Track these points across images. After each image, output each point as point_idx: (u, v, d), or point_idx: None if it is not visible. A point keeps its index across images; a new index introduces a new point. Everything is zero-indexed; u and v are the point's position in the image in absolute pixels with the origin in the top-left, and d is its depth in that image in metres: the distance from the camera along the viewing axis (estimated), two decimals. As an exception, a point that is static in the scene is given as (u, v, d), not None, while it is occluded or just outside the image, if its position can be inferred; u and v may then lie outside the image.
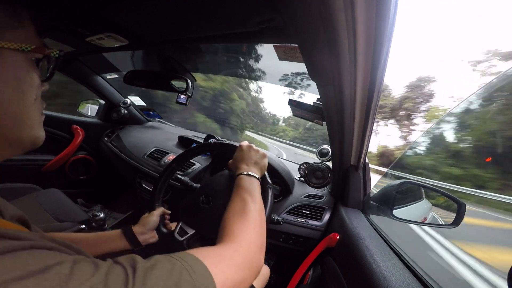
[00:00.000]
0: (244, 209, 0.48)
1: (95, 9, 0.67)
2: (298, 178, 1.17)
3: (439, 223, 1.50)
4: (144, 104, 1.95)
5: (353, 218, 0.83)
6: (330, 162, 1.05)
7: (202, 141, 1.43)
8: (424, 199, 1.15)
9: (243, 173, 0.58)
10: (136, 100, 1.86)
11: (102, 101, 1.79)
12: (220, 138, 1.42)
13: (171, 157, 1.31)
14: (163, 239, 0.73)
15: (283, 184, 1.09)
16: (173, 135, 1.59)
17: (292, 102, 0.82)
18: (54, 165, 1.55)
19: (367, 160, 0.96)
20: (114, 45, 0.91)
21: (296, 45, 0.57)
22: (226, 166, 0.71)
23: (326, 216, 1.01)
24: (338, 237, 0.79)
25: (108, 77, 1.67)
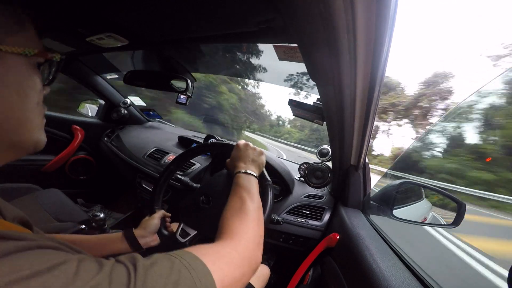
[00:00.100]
0: (242, 207, 0.48)
1: (95, 9, 0.67)
2: (298, 178, 1.17)
3: (439, 223, 1.50)
4: (144, 104, 1.96)
5: (353, 218, 0.83)
6: (330, 162, 1.05)
7: (202, 141, 1.43)
8: (424, 199, 1.15)
9: (241, 172, 0.59)
10: (136, 100, 1.86)
11: (102, 101, 1.79)
12: (220, 138, 1.42)
13: (171, 157, 1.31)
14: (165, 242, 0.73)
15: (283, 184, 1.09)
16: (173, 135, 1.60)
17: (292, 102, 0.81)
18: (54, 165, 1.55)
19: (367, 160, 0.96)
20: (114, 45, 0.91)
21: (296, 45, 0.57)
22: (225, 166, 0.71)
23: (326, 216, 1.01)
24: (338, 237, 0.79)
25: (108, 77, 1.67)
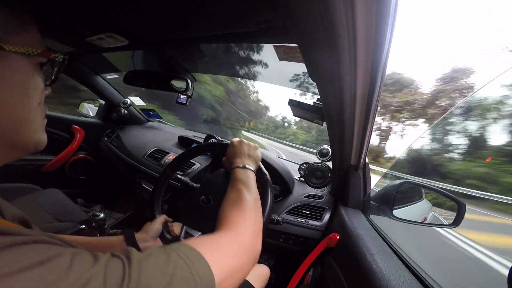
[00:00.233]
0: (239, 199, 0.49)
1: (95, 9, 0.67)
2: (298, 178, 1.17)
3: (439, 223, 1.50)
4: (144, 104, 1.96)
5: (353, 218, 0.83)
6: (330, 162, 1.05)
7: (202, 141, 1.43)
8: (424, 199, 1.15)
9: (238, 166, 0.59)
10: (136, 100, 1.87)
11: (102, 101, 1.79)
12: (220, 138, 1.42)
13: (171, 157, 1.31)
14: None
15: (283, 184, 1.09)
16: (173, 135, 1.60)
17: (292, 102, 0.81)
18: (54, 165, 1.55)
19: (367, 160, 0.96)
20: (114, 45, 0.91)
21: (296, 45, 0.57)
22: (222, 164, 0.71)
23: (326, 216, 1.01)
24: (338, 237, 0.79)
25: (108, 77, 1.67)
